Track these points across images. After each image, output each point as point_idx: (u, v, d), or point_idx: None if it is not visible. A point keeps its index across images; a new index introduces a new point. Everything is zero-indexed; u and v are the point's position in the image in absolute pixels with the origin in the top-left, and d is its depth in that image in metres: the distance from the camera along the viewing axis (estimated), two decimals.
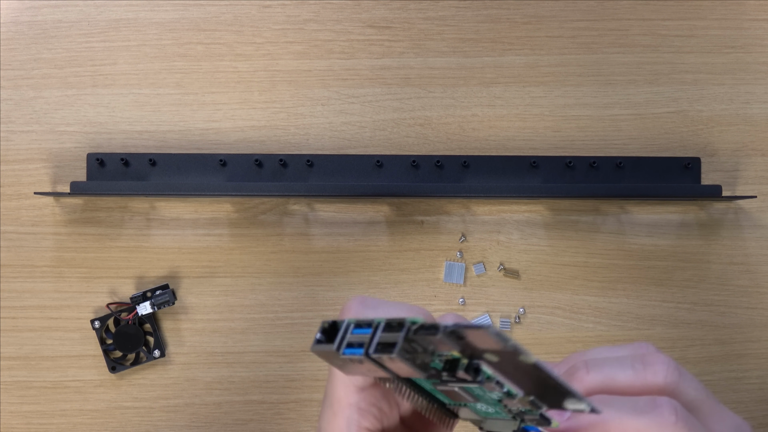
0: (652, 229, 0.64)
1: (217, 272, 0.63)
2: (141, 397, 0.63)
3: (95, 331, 0.62)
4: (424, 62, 0.64)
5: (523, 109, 0.64)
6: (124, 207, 0.63)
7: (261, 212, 0.63)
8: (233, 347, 0.63)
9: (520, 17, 0.64)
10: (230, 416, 0.63)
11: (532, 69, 0.64)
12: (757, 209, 0.64)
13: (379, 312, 0.34)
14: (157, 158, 0.62)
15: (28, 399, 0.62)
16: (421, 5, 0.64)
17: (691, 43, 0.64)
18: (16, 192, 0.63)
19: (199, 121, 0.63)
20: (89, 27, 0.63)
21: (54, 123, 0.63)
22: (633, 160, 0.62)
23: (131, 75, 0.63)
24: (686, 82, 0.64)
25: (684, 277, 0.64)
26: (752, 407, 0.63)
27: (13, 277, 0.62)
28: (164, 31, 0.63)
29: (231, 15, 0.64)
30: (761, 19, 0.65)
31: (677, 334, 0.63)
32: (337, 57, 0.64)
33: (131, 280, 0.63)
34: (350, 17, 0.64)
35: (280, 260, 0.63)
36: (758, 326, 0.64)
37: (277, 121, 0.63)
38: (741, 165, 0.64)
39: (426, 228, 0.63)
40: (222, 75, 0.63)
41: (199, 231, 0.63)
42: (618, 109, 0.64)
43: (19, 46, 0.63)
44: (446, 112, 0.64)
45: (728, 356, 0.63)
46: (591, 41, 0.64)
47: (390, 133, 0.64)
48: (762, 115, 0.64)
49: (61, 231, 0.63)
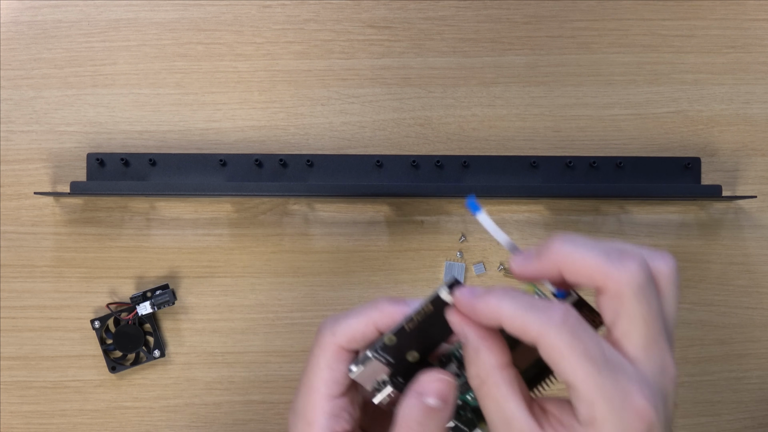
0: (652, 229, 0.64)
1: (217, 272, 0.63)
2: (141, 397, 0.63)
3: (95, 331, 0.62)
4: (424, 62, 0.64)
5: (523, 109, 0.64)
6: (124, 207, 0.63)
7: (261, 212, 0.63)
8: (233, 347, 0.63)
9: (520, 17, 0.64)
10: (230, 416, 0.63)
11: (532, 69, 0.64)
12: (757, 209, 0.64)
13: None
14: (157, 158, 0.62)
15: (28, 399, 0.62)
16: (421, 5, 0.64)
17: (691, 43, 0.64)
18: (16, 192, 0.63)
19: (199, 121, 0.63)
20: (89, 27, 0.63)
21: (54, 123, 0.63)
22: (633, 160, 0.62)
23: (131, 75, 0.63)
24: (686, 82, 0.64)
25: (684, 277, 0.64)
26: (752, 407, 0.63)
27: (13, 277, 0.62)
28: (164, 31, 0.63)
29: (231, 15, 0.64)
30: (761, 19, 0.65)
31: (677, 334, 0.63)
32: (337, 57, 0.64)
33: (131, 280, 0.63)
34: (350, 17, 0.64)
35: (280, 260, 0.63)
36: (758, 326, 0.64)
37: (277, 121, 0.63)
38: (741, 165, 0.64)
39: (426, 228, 0.63)
40: (222, 75, 0.63)
41: (199, 231, 0.63)
42: (618, 109, 0.64)
43: (19, 46, 0.63)
44: (446, 112, 0.64)
45: (728, 356, 0.63)
46: (591, 41, 0.64)
47: (390, 133, 0.64)
48: (762, 115, 0.64)
49: (61, 231, 0.63)
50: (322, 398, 0.36)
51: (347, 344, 0.36)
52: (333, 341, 0.36)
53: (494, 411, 0.34)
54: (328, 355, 0.37)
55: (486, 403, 0.34)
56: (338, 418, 0.37)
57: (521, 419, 0.33)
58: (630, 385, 0.31)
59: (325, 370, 0.37)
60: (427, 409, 0.35)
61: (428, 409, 0.35)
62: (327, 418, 0.36)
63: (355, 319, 0.36)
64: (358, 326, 0.36)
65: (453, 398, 0.35)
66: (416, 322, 0.35)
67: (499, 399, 0.33)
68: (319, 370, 0.37)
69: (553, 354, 0.31)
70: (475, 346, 0.34)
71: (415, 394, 0.35)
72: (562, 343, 0.31)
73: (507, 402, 0.33)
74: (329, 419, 0.36)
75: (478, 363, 0.34)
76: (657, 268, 0.34)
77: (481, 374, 0.34)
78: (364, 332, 0.36)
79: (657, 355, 0.32)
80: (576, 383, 0.31)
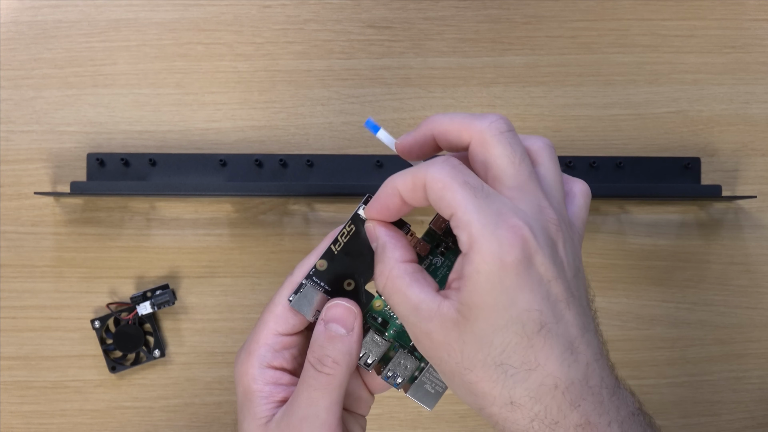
0: (652, 229, 0.64)
1: (217, 272, 0.63)
2: (141, 397, 0.63)
3: (95, 331, 0.62)
4: (424, 62, 0.64)
5: (523, 109, 0.64)
6: (124, 207, 0.63)
7: (261, 212, 0.63)
8: (233, 347, 0.63)
9: (520, 17, 0.64)
10: (230, 416, 0.63)
11: (532, 69, 0.64)
12: (757, 209, 0.64)
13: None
14: (157, 158, 0.62)
15: (28, 399, 0.62)
16: (421, 5, 0.64)
17: (691, 43, 0.64)
18: (16, 192, 0.63)
19: (199, 121, 0.63)
20: (89, 27, 0.63)
21: (54, 123, 0.63)
22: (633, 160, 0.62)
23: (131, 75, 0.63)
24: (686, 82, 0.64)
25: (684, 277, 0.64)
26: (752, 407, 0.63)
27: (13, 277, 0.62)
28: (164, 31, 0.63)
29: (231, 15, 0.64)
30: (761, 19, 0.65)
31: (677, 334, 0.63)
32: (337, 57, 0.64)
33: (131, 280, 0.63)
34: (350, 17, 0.64)
35: (280, 260, 0.63)
36: (758, 326, 0.64)
37: (277, 121, 0.63)
38: (741, 165, 0.64)
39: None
40: (222, 75, 0.64)
41: (199, 231, 0.63)
42: (618, 109, 0.64)
43: (19, 46, 0.63)
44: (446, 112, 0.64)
45: (728, 356, 0.63)
46: (591, 41, 0.64)
47: (390, 133, 0.64)
48: (762, 115, 0.64)
49: (61, 231, 0.63)
50: (269, 332, 0.38)
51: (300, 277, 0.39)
52: (292, 280, 0.39)
53: (401, 302, 0.34)
54: (285, 292, 0.39)
55: (393, 299, 0.35)
56: (278, 354, 0.38)
57: (427, 300, 0.34)
58: (504, 208, 0.33)
59: (279, 306, 0.39)
60: (330, 335, 0.36)
61: (331, 335, 0.36)
62: (267, 350, 0.38)
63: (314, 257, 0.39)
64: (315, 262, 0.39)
65: (357, 327, 0.37)
66: (341, 243, 0.38)
67: (403, 288, 0.34)
68: (274, 306, 0.39)
69: (436, 188, 0.33)
70: (383, 242, 0.36)
71: (321, 321, 0.37)
72: (444, 175, 0.33)
73: (411, 288, 0.34)
74: (268, 352, 0.38)
75: (384, 259, 0.36)
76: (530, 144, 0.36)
77: (386, 271, 0.35)
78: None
79: (531, 197, 0.34)
80: (456, 209, 0.33)
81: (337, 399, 0.37)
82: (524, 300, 0.32)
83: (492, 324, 0.32)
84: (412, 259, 0.36)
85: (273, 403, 0.37)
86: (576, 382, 0.32)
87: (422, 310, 0.33)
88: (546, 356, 0.32)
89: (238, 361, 0.38)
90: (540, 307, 0.32)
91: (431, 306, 0.33)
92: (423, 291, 0.34)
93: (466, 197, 0.32)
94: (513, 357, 0.32)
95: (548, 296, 0.32)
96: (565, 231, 0.34)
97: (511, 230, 0.32)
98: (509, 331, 0.32)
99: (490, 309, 0.32)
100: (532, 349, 0.32)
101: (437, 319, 0.33)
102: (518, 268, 0.32)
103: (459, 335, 0.32)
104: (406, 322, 0.34)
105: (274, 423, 0.37)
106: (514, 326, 0.32)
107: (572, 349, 0.32)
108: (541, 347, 0.32)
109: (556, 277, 0.33)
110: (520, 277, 0.32)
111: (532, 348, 0.32)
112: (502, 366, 0.32)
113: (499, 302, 0.32)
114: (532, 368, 0.32)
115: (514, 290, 0.32)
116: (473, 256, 0.32)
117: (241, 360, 0.38)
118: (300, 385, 0.37)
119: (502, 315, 0.32)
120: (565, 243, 0.34)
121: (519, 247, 0.32)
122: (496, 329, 0.32)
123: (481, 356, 0.32)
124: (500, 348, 0.32)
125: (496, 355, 0.32)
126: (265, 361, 0.38)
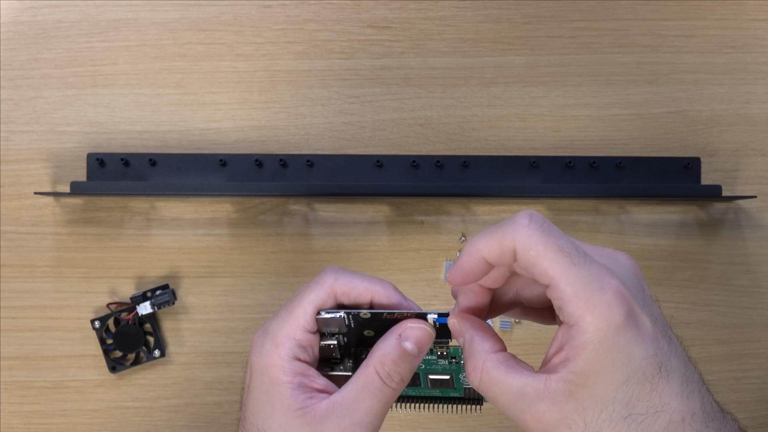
0: (652, 229, 0.64)
1: (217, 272, 0.63)
2: (141, 397, 0.63)
3: (95, 331, 0.62)
4: (424, 62, 0.64)
5: (523, 109, 0.64)
6: (124, 207, 0.63)
7: (261, 212, 0.63)
8: (233, 347, 0.63)
9: (520, 17, 0.64)
10: (230, 416, 0.63)
11: (532, 69, 0.64)
12: (757, 209, 0.64)
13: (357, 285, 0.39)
14: (157, 158, 0.62)
15: (28, 399, 0.62)
16: (421, 5, 0.64)
17: (691, 43, 0.64)
18: (16, 192, 0.63)
19: (199, 121, 0.63)
20: (89, 27, 0.63)
21: (54, 123, 0.63)
22: (633, 160, 0.62)
23: (131, 75, 0.63)
24: (686, 82, 0.64)
25: (684, 277, 0.64)
26: (752, 407, 0.63)
27: (13, 277, 0.62)
28: (164, 31, 0.63)
29: (231, 15, 0.64)
30: (761, 19, 0.65)
31: (677, 334, 0.63)
32: (337, 57, 0.64)
33: (131, 280, 0.63)
34: (350, 17, 0.64)
35: (280, 260, 0.63)
36: (758, 326, 0.64)
37: (277, 121, 0.63)
38: (741, 165, 0.64)
39: (426, 228, 0.63)
40: (222, 75, 0.64)
41: (199, 231, 0.63)
42: (618, 109, 0.64)
43: (19, 46, 0.63)
44: (446, 112, 0.64)
45: (728, 356, 0.63)
46: (591, 41, 0.64)
47: (390, 133, 0.64)
48: (762, 115, 0.64)
49: (61, 231, 0.63)
50: (298, 327, 0.39)
51: (340, 294, 0.39)
52: (332, 284, 0.39)
53: (502, 392, 0.35)
54: (321, 293, 0.39)
55: (493, 391, 0.35)
56: (304, 349, 0.39)
57: (531, 382, 0.34)
58: (601, 271, 0.33)
59: (311, 304, 0.39)
60: (403, 351, 0.37)
61: (404, 352, 0.37)
62: (295, 345, 0.38)
63: (360, 281, 0.39)
64: (359, 287, 0.39)
65: (426, 349, 0.38)
66: (393, 318, 0.38)
67: (501, 377, 0.35)
68: (307, 303, 0.39)
69: (529, 256, 0.33)
70: (470, 336, 0.36)
71: (396, 335, 0.38)
72: (535, 241, 0.33)
73: (509, 376, 0.34)
74: (296, 346, 0.39)
75: (474, 354, 0.36)
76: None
77: (479, 364, 0.35)
78: (359, 294, 0.39)
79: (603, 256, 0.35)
80: (557, 281, 0.33)
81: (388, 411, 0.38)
82: (640, 351, 0.33)
83: (613, 382, 0.33)
84: (501, 348, 0.36)
85: (304, 394, 0.38)
86: (697, 411, 0.34)
87: (528, 393, 0.34)
88: (669, 394, 0.33)
89: (262, 352, 0.39)
90: (654, 351, 0.33)
91: (537, 386, 0.34)
92: (523, 375, 0.34)
93: (564, 267, 0.33)
94: (638, 406, 0.33)
95: (654, 339, 0.34)
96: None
97: (614, 292, 0.33)
98: (631, 384, 0.33)
99: (609, 370, 0.33)
100: (656, 391, 0.33)
101: (547, 397, 0.33)
102: (628, 324, 0.33)
103: (577, 404, 0.33)
104: (512, 412, 0.35)
105: (316, 417, 0.37)
106: (636, 377, 0.33)
107: (685, 379, 0.34)
108: (663, 387, 0.33)
109: (653, 320, 0.34)
110: (631, 332, 0.33)
111: (656, 390, 0.33)
112: (629, 417, 0.33)
113: (618, 361, 0.33)
114: (659, 410, 0.33)
115: (630, 346, 0.33)
116: (585, 326, 0.33)
117: (266, 351, 0.39)
118: (360, 392, 0.37)
119: (622, 372, 0.33)
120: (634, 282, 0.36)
121: (625, 306, 0.33)
122: (618, 386, 0.33)
123: (606, 415, 0.33)
124: (624, 402, 0.33)
125: (621, 408, 0.33)
126: (292, 353, 0.38)
